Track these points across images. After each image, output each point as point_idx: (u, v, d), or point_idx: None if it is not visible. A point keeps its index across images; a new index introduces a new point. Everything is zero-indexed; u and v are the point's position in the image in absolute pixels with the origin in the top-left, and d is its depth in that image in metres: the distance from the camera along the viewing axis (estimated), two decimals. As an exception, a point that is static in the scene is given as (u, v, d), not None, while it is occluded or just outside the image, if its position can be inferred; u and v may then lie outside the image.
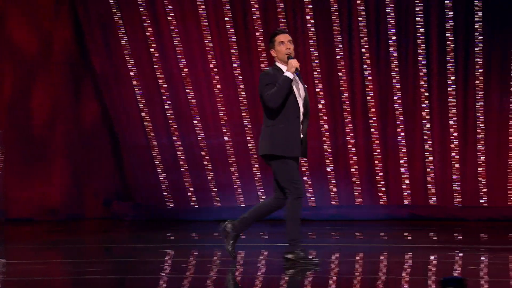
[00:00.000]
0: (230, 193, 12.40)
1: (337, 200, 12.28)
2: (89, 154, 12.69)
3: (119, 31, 12.37)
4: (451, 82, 11.95)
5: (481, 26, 11.80)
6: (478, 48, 11.87)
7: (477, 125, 11.95)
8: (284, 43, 7.52)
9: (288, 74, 7.39)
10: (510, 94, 11.83)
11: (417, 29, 11.92)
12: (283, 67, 7.48)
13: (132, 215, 12.57)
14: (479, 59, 11.88)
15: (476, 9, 11.77)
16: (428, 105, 11.99)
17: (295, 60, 7.43)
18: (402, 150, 12.10)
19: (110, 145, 12.76)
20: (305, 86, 7.59)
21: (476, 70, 11.88)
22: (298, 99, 7.45)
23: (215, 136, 12.41)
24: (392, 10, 11.97)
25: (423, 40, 11.93)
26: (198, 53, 12.32)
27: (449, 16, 11.86)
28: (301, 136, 7.46)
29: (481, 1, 11.75)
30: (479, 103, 11.92)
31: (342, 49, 12.11)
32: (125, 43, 12.39)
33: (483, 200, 11.98)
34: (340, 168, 12.23)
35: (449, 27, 11.88)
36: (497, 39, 11.78)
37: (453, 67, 11.92)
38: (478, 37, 11.80)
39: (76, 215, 12.58)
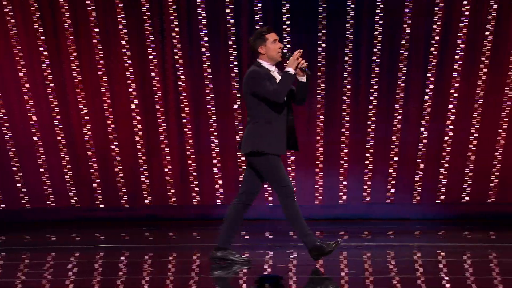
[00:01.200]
0: (40, 194, 12.12)
1: (151, 201, 12.24)
2: None
3: None
4: (262, 83, 12.17)
5: (289, 29, 12.08)
6: (286, 51, 12.11)
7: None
8: (276, 41, 7.60)
9: (290, 70, 7.40)
10: (317, 95, 12.17)
11: (228, 31, 12.07)
12: (268, 65, 7.53)
13: None
14: (286, 61, 12.14)
15: (284, 12, 12.05)
16: (240, 106, 12.17)
17: (297, 56, 7.44)
18: (215, 150, 12.22)
19: None
20: None
21: (284, 72, 12.15)
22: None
23: (23, 136, 12.08)
24: (204, 11, 12.06)
25: (234, 42, 12.10)
26: (3, 51, 11.96)
27: (259, 18, 12.08)
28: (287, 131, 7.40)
29: (288, 4, 12.04)
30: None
31: (154, 49, 12.09)
32: None
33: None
34: (154, 168, 12.20)
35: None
36: (303, 41, 12.10)
37: (264, 68, 12.14)
38: (287, 40, 12.09)
39: None
